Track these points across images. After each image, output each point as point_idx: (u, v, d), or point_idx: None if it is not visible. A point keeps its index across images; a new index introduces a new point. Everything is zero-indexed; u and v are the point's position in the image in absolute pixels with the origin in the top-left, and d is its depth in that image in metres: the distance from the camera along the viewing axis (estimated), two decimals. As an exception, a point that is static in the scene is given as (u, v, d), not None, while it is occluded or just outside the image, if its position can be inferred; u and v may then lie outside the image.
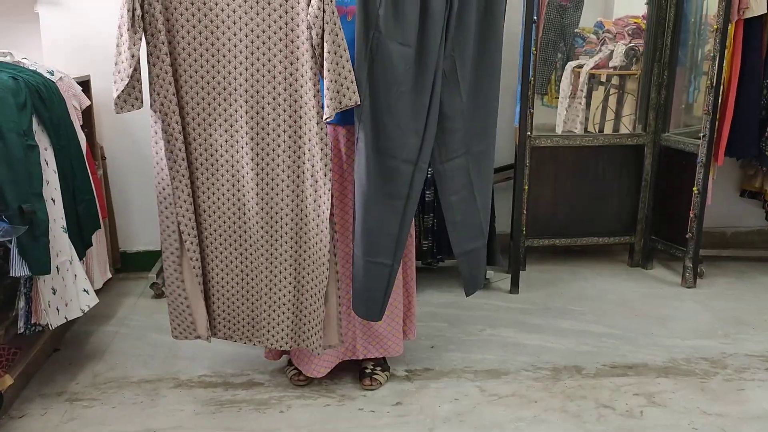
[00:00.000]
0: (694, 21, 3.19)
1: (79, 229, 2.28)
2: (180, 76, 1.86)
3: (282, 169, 1.91)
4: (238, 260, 2.04)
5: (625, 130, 3.37)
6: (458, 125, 2.05)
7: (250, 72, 1.84)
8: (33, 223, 1.89)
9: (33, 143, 1.97)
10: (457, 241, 2.18)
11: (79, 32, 2.97)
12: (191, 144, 1.93)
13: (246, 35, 1.81)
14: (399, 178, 2.00)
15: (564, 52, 3.43)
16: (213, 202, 1.98)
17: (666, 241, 3.25)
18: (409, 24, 1.89)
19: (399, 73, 1.91)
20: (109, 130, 3.11)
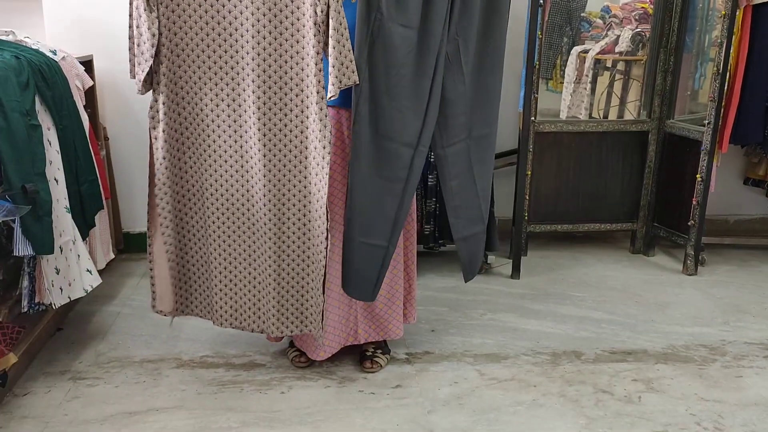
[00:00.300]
0: (702, 6, 3.16)
1: (82, 210, 2.29)
2: (187, 55, 1.86)
3: (289, 149, 1.91)
4: (244, 242, 2.02)
5: (629, 117, 3.36)
6: (460, 110, 2.04)
7: (257, 51, 1.83)
8: (36, 203, 1.89)
9: (36, 123, 1.97)
10: (456, 226, 2.18)
11: (82, 12, 2.96)
12: (197, 123, 1.93)
13: (252, 13, 1.80)
14: (398, 161, 1.99)
15: (570, 36, 3.41)
16: (220, 185, 1.96)
17: (668, 228, 3.25)
18: (412, 6, 1.88)
19: (400, 56, 1.90)
20: (112, 111, 3.10)
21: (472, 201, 2.16)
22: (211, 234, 2.01)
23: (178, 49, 1.84)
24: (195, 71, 1.87)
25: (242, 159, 1.94)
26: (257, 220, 1.97)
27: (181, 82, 1.88)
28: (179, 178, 2.00)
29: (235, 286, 2.06)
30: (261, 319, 2.07)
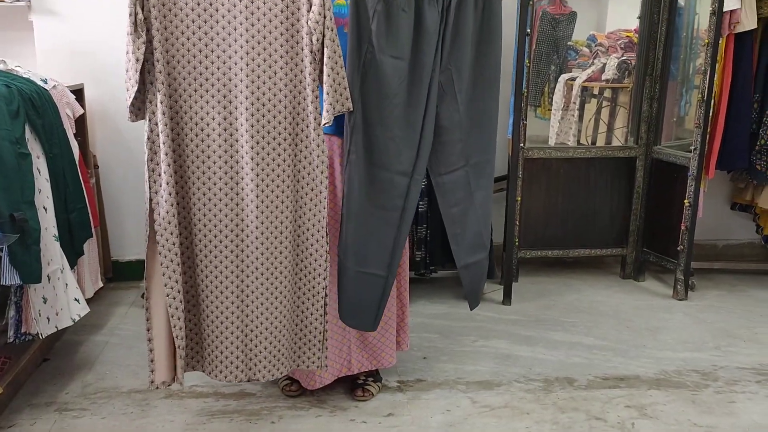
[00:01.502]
0: (686, 35, 3.22)
1: (71, 238, 2.27)
2: (179, 83, 1.85)
3: (282, 179, 1.89)
4: (234, 276, 1.94)
5: (617, 143, 3.39)
6: (456, 137, 2.05)
7: (251, 78, 1.83)
8: (24, 232, 1.88)
9: (25, 151, 1.97)
10: (459, 253, 2.17)
11: (72, 41, 2.98)
12: (188, 154, 1.90)
13: (247, 41, 1.81)
14: (394, 191, 2.00)
15: (557, 64, 3.46)
16: (209, 211, 1.93)
17: (658, 253, 3.26)
18: (403, 38, 1.90)
19: (392, 87, 1.92)
20: (102, 139, 3.10)
21: (474, 228, 2.17)
22: (200, 271, 1.95)
23: (170, 78, 1.83)
24: (187, 100, 1.85)
25: (233, 191, 1.89)
26: (247, 245, 1.93)
27: (179, 114, 1.85)
28: (180, 214, 1.93)
29: (222, 325, 1.96)
30: (252, 361, 1.99)
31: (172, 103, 1.85)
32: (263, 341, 1.96)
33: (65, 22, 2.97)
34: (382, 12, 1.87)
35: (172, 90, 1.84)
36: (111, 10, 2.91)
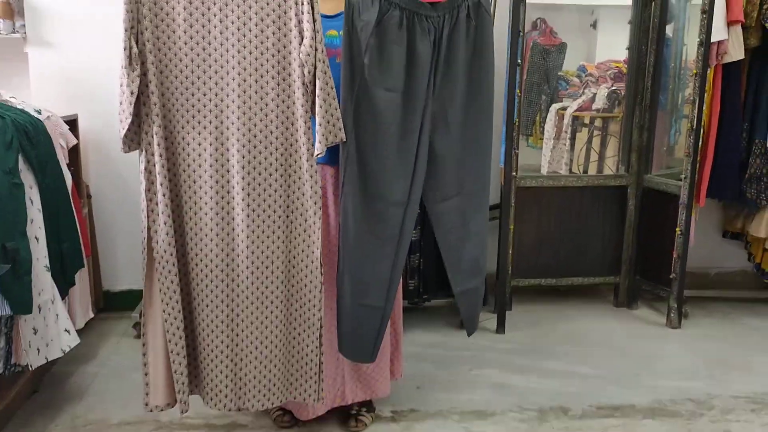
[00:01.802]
0: (674, 66, 3.27)
1: (62, 268, 2.26)
2: (173, 115, 1.86)
3: (273, 209, 1.90)
4: (224, 306, 1.94)
5: (608, 171, 3.42)
6: (450, 166, 2.06)
7: (242, 110, 1.84)
8: (16, 262, 1.87)
9: (18, 181, 1.97)
10: (455, 279, 2.17)
11: (67, 72, 3.00)
12: (181, 184, 1.90)
13: (239, 73, 1.82)
14: (389, 221, 2.00)
15: (548, 94, 3.50)
16: (201, 241, 1.93)
17: (651, 281, 3.27)
18: (395, 69, 1.92)
19: (385, 118, 1.93)
20: (95, 168, 3.11)
21: (470, 254, 2.16)
22: (193, 299, 1.95)
23: (164, 110, 1.85)
24: (180, 132, 1.86)
25: (224, 220, 1.89)
26: (238, 275, 1.93)
27: (173, 145, 1.87)
28: (177, 242, 1.92)
29: (213, 353, 1.96)
30: (242, 390, 1.98)
31: (166, 134, 1.86)
32: (253, 370, 1.95)
33: (60, 53, 2.99)
34: (374, 45, 1.89)
35: (167, 121, 1.85)
36: (105, 42, 2.93)
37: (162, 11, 1.79)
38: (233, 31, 1.80)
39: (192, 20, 1.80)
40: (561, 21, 3.49)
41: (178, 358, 1.90)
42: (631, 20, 3.23)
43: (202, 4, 1.79)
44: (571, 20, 3.57)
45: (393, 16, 1.89)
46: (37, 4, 2.95)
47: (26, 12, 2.94)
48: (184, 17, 1.79)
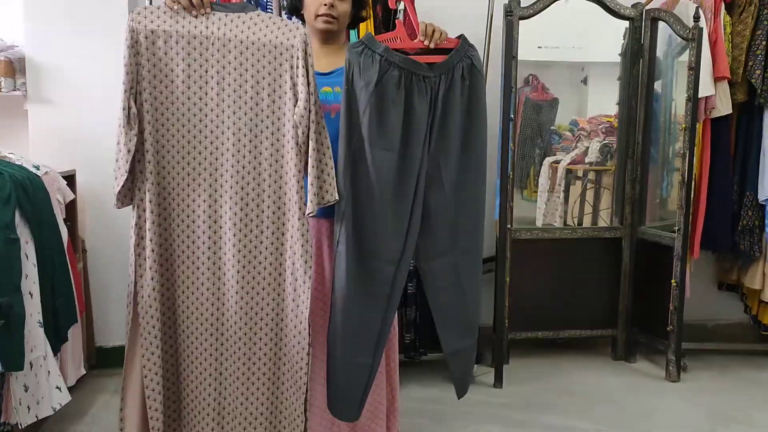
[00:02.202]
0: (664, 120, 3.34)
1: (56, 324, 2.25)
2: (168, 172, 1.88)
3: (264, 267, 1.90)
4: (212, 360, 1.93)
5: (603, 223, 3.44)
6: (444, 223, 2.05)
7: (236, 169, 1.86)
8: (9, 318, 1.86)
9: (14, 237, 1.97)
10: (446, 339, 2.13)
11: (66, 128, 3.03)
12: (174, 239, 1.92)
13: (233, 133, 1.85)
14: (381, 279, 1.99)
15: (541, 147, 3.55)
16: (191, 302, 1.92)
17: (648, 333, 3.25)
18: (393, 129, 1.92)
19: (382, 179, 1.93)
20: (91, 223, 3.11)
21: (462, 314, 2.14)
22: (179, 354, 1.94)
23: (159, 167, 1.87)
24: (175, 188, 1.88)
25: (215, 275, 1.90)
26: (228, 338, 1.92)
27: (164, 203, 1.89)
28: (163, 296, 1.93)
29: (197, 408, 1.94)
30: None
31: (160, 190, 1.88)
32: (237, 426, 1.93)
33: (59, 110, 3.04)
34: (374, 105, 1.89)
35: (161, 178, 1.88)
36: (104, 100, 2.99)
37: (161, 73, 1.83)
38: (229, 93, 1.84)
39: (190, 82, 1.84)
40: (552, 77, 3.57)
41: (156, 414, 1.88)
42: (620, 77, 3.31)
43: (200, 66, 1.84)
44: (562, 76, 3.65)
45: (392, 76, 1.90)
46: (39, 63, 3.01)
47: (28, 70, 3.00)
48: (182, 79, 1.83)
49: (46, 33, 2.99)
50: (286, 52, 1.83)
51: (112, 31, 3.00)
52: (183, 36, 1.82)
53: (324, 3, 2.03)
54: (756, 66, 3.08)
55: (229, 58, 1.83)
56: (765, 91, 3.09)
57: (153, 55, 1.82)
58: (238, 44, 1.83)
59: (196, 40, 1.83)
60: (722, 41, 3.07)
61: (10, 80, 2.97)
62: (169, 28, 1.82)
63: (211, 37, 1.83)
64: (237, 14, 1.84)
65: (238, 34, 1.83)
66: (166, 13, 1.83)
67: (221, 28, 1.83)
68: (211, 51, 1.83)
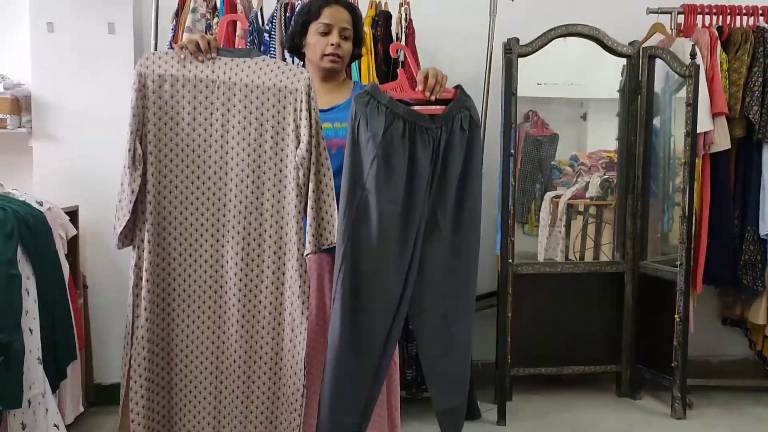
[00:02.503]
0: (663, 155, 3.36)
1: (55, 360, 2.23)
2: (170, 212, 1.90)
3: (264, 306, 1.90)
4: (212, 399, 1.94)
5: (604, 258, 3.44)
6: (438, 278, 2.02)
7: (239, 209, 1.89)
8: (8, 354, 1.85)
9: (16, 272, 1.98)
10: (438, 398, 2.08)
11: (69, 164, 3.06)
12: (174, 277, 1.92)
13: (237, 174, 1.88)
14: (376, 336, 1.96)
15: (542, 182, 3.57)
16: (191, 341, 1.92)
17: (652, 369, 3.22)
18: (398, 182, 1.91)
19: (385, 232, 1.91)
20: (92, 259, 3.11)
21: (454, 370, 2.09)
22: (175, 394, 1.94)
23: (160, 207, 1.89)
24: (177, 228, 1.90)
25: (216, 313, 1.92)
26: (226, 377, 1.93)
27: (164, 243, 1.90)
28: (158, 337, 1.94)
29: None
30: None
31: (160, 231, 1.90)
32: None
33: (63, 146, 3.06)
34: (381, 157, 1.88)
35: (161, 218, 1.89)
36: (107, 137, 3.02)
37: (167, 115, 1.87)
38: (233, 135, 1.87)
39: (195, 124, 1.87)
40: (552, 113, 3.61)
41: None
42: (619, 113, 3.35)
43: (205, 109, 1.87)
44: (562, 112, 3.69)
45: (397, 127, 1.90)
46: (44, 101, 3.05)
47: (33, 108, 3.04)
48: (188, 121, 1.87)
49: (52, 71, 3.04)
50: (290, 95, 1.86)
51: (116, 70, 3.06)
52: (189, 80, 1.86)
53: (331, 43, 2.07)
54: (753, 102, 3.11)
55: (233, 101, 1.86)
56: (763, 126, 3.11)
57: (159, 98, 1.85)
58: (242, 87, 1.86)
59: (201, 84, 1.86)
60: (719, 78, 3.10)
61: (15, 117, 3.00)
62: (176, 73, 1.86)
63: (216, 81, 1.86)
64: (242, 59, 1.88)
65: (243, 78, 1.86)
66: (173, 58, 1.87)
67: (227, 72, 1.87)
68: (216, 94, 1.87)
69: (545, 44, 3.07)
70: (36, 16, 3.01)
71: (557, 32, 3.08)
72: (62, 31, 3.02)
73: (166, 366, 1.94)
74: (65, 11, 3.01)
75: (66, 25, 3.02)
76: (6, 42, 3.15)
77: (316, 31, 2.09)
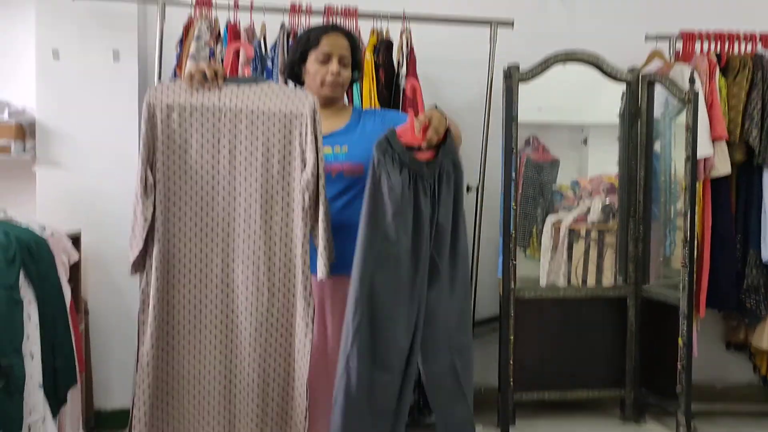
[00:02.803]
0: (664, 180, 3.36)
1: (55, 385, 2.22)
2: (179, 239, 1.92)
3: (276, 328, 1.91)
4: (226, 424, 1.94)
5: (607, 282, 3.42)
6: (440, 319, 2.03)
7: (247, 233, 1.90)
8: (9, 379, 1.85)
9: (18, 298, 1.98)
10: None
11: (72, 190, 3.07)
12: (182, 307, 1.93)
13: (245, 199, 1.90)
14: (390, 393, 1.97)
15: (543, 207, 3.57)
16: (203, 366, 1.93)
17: (657, 394, 3.19)
18: (408, 231, 1.94)
19: (401, 283, 1.94)
20: (94, 284, 3.11)
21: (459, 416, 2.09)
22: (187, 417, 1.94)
23: (169, 234, 1.90)
24: (186, 254, 1.91)
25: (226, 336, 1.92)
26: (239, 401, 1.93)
27: (173, 269, 1.92)
28: (165, 364, 1.94)
29: None
30: None
31: (169, 257, 1.91)
32: None
33: (67, 172, 3.08)
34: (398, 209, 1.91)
35: (171, 245, 1.91)
36: (110, 163, 3.05)
37: (175, 144, 1.89)
38: (240, 161, 1.89)
39: (203, 151, 1.90)
40: (552, 138, 3.63)
41: None
42: (620, 137, 3.36)
43: (212, 136, 1.90)
44: (563, 137, 3.71)
45: (405, 178, 1.93)
46: (48, 127, 3.07)
47: (37, 134, 3.06)
48: (195, 149, 1.89)
49: (57, 98, 3.07)
50: (296, 120, 1.88)
51: (121, 97, 3.09)
52: (197, 108, 1.89)
53: (331, 72, 2.10)
54: (753, 127, 3.13)
55: (240, 128, 1.89)
56: (763, 151, 3.13)
57: (168, 127, 1.88)
58: (249, 114, 1.89)
59: (209, 112, 1.89)
60: (718, 103, 3.13)
61: (19, 143, 3.02)
62: (184, 102, 1.89)
63: (223, 108, 1.89)
64: (248, 85, 1.91)
65: (249, 104, 1.89)
66: (181, 87, 1.90)
67: (233, 100, 1.90)
68: (223, 122, 1.89)
69: (545, 70, 3.10)
70: (41, 43, 3.05)
71: (557, 58, 3.11)
72: (67, 58, 3.06)
73: (172, 391, 1.93)
74: (71, 39, 3.05)
75: (71, 53, 3.06)
76: (12, 69, 3.19)
77: (315, 59, 2.12)
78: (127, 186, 3.03)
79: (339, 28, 2.22)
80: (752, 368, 3.49)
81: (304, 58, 2.16)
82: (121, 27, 3.09)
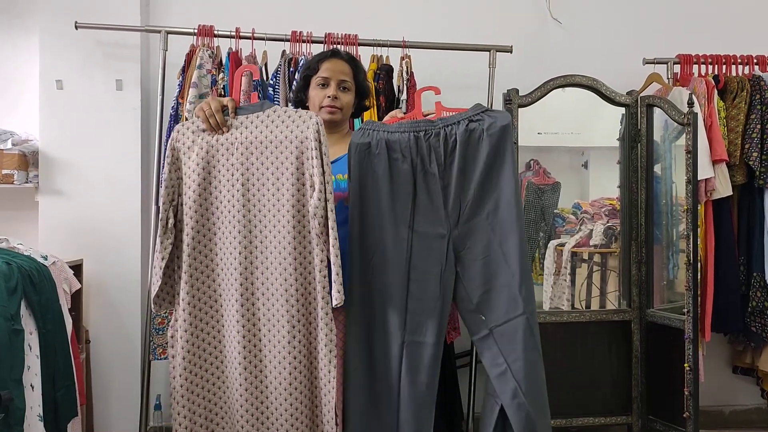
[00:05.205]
0: (666, 202, 3.36)
1: (56, 417, 2.20)
2: (201, 273, 1.96)
3: (299, 360, 1.90)
4: None
5: (611, 306, 3.40)
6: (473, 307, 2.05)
7: (265, 265, 1.92)
8: (9, 411, 1.83)
9: (19, 327, 1.97)
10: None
11: (75, 218, 3.08)
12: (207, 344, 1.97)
13: (261, 231, 1.94)
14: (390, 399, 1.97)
15: (545, 230, 3.56)
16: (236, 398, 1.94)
17: (664, 420, 3.15)
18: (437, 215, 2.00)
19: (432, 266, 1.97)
20: (96, 313, 3.10)
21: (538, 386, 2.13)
22: None
23: (197, 272, 1.93)
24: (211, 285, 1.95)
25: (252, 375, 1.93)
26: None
27: (200, 303, 1.95)
28: (196, 396, 1.97)
29: None
30: None
31: (194, 291, 1.95)
32: None
33: (69, 201, 3.09)
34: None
35: (194, 280, 1.94)
36: (112, 192, 3.06)
37: (194, 183, 1.94)
38: (254, 192, 1.92)
39: (221, 186, 1.93)
40: (553, 162, 3.64)
41: None
42: (620, 160, 3.37)
43: (227, 171, 1.93)
44: (563, 161, 3.72)
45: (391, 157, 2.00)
46: (52, 156, 3.09)
47: (41, 163, 3.08)
48: (215, 185, 1.94)
49: (60, 128, 3.09)
50: (301, 144, 1.90)
51: (123, 125, 3.11)
52: (212, 145, 1.94)
53: (327, 95, 2.11)
54: (753, 149, 3.14)
55: (251, 160, 1.92)
56: (763, 173, 3.13)
57: (188, 168, 1.94)
58: (258, 145, 1.92)
59: (223, 147, 1.94)
60: (717, 125, 3.14)
61: (23, 173, 3.04)
62: (200, 140, 1.94)
63: (235, 142, 1.94)
64: (256, 114, 1.94)
65: (258, 134, 1.92)
66: (199, 127, 1.96)
67: (243, 132, 1.93)
68: (236, 155, 1.93)
69: (545, 94, 3.12)
70: (45, 73, 3.08)
71: (556, 83, 3.13)
72: (71, 87, 3.09)
73: (205, 422, 1.97)
74: (74, 68, 3.09)
75: (74, 82, 3.09)
76: (16, 99, 3.22)
77: (315, 84, 2.15)
78: (129, 215, 3.07)
79: (340, 53, 2.24)
80: (760, 392, 3.45)
81: (306, 84, 2.19)
82: (124, 56, 3.12)
